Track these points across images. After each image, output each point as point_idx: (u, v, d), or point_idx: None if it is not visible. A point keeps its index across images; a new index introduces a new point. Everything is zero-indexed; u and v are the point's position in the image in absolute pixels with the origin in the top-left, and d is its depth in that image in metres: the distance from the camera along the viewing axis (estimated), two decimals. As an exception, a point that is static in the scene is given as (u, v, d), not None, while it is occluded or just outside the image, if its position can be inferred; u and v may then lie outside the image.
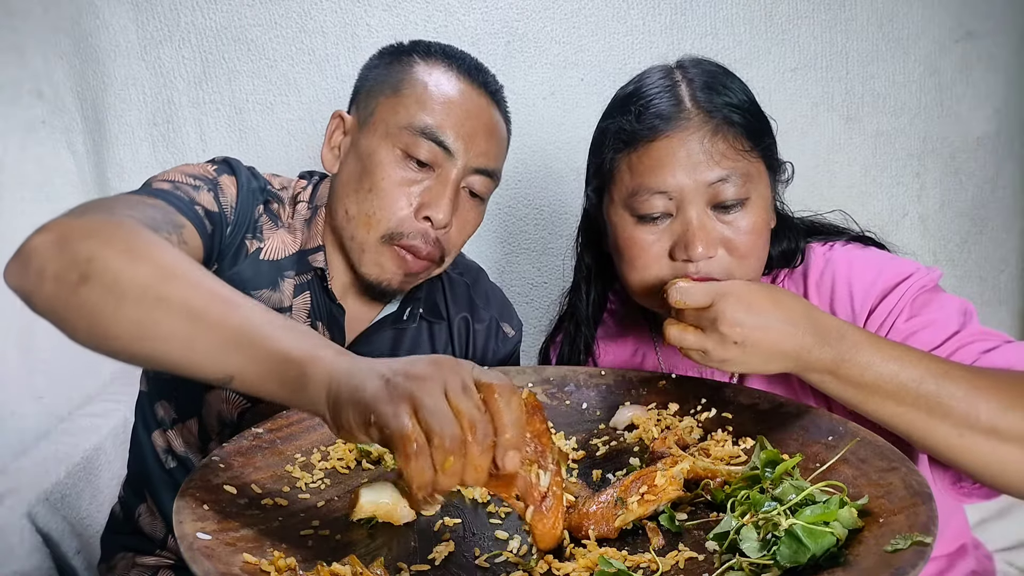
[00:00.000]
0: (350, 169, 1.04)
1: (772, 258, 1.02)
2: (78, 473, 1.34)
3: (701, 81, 0.96)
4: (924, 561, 0.56)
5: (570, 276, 1.22)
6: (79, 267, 0.68)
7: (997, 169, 1.79)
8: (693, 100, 0.94)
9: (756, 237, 0.94)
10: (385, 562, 0.65)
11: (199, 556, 0.59)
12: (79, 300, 0.67)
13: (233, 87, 1.62)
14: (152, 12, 1.58)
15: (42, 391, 1.49)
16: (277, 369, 0.63)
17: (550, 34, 1.64)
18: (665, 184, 0.93)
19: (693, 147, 0.92)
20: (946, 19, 1.69)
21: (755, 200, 0.94)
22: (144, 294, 0.66)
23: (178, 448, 1.09)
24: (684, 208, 0.93)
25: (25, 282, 0.71)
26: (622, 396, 0.99)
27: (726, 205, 0.93)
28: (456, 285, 1.22)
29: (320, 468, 0.82)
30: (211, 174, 1.01)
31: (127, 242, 0.70)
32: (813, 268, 1.02)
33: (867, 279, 0.97)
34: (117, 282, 0.66)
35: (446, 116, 1.00)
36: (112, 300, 0.66)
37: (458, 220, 1.04)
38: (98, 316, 0.66)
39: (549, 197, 1.69)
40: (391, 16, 1.61)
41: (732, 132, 0.93)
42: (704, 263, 0.93)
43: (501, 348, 1.23)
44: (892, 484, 0.66)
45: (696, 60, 1.01)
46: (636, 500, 0.71)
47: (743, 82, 1.00)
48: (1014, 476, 0.79)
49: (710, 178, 0.92)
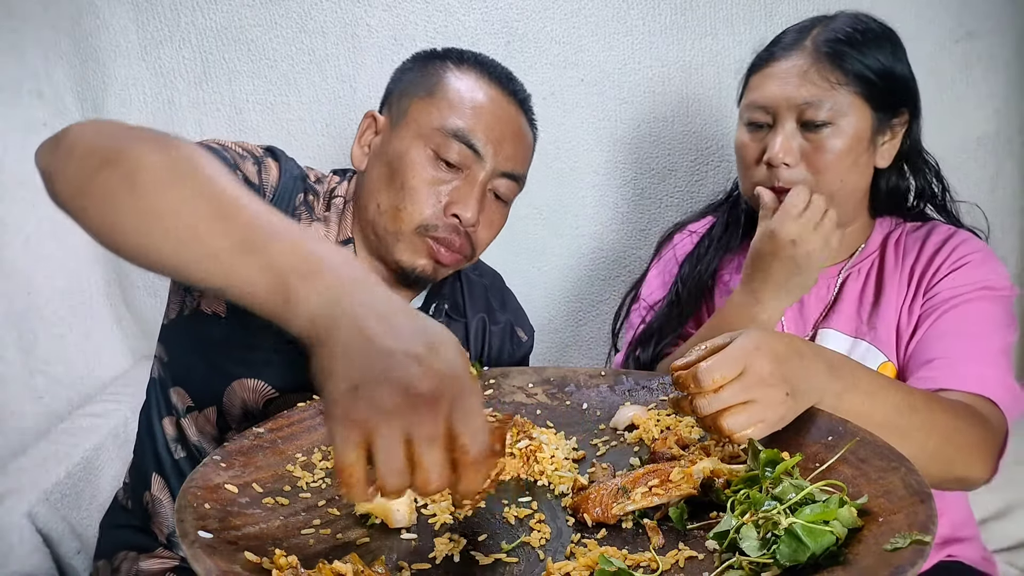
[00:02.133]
0: (381, 168, 1.07)
1: (877, 197, 1.17)
2: (78, 473, 1.34)
3: (833, 25, 1.10)
4: (923, 560, 0.56)
5: (571, 276, 1.23)
6: (105, 152, 0.67)
7: (997, 169, 1.79)
8: (813, 37, 1.09)
9: (835, 158, 1.07)
10: (386, 561, 0.65)
11: (201, 555, 0.59)
12: (97, 184, 0.66)
13: (233, 87, 1.62)
14: (152, 12, 1.58)
15: (42, 391, 1.49)
16: (270, 284, 0.59)
17: (550, 34, 1.64)
18: (764, 98, 1.10)
19: (792, 72, 1.08)
20: (946, 19, 1.69)
21: (842, 127, 1.07)
22: (156, 185, 0.63)
23: (192, 436, 1.09)
24: (778, 120, 1.09)
25: (53, 161, 0.71)
26: (622, 396, 1.00)
27: (814, 124, 1.06)
28: (475, 286, 1.26)
29: (321, 467, 0.82)
30: (258, 152, 1.05)
31: (158, 139, 0.69)
32: (936, 235, 1.14)
33: (967, 272, 1.09)
34: (135, 171, 0.64)
35: (476, 120, 1.04)
36: (126, 188, 0.64)
37: (484, 219, 1.08)
38: (110, 204, 0.65)
39: (549, 197, 1.69)
40: (391, 16, 1.61)
41: (831, 65, 1.06)
42: (785, 170, 1.08)
43: (516, 351, 1.27)
44: (892, 484, 0.67)
45: (851, 13, 1.14)
46: (642, 492, 0.72)
47: (885, 35, 1.11)
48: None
49: (799, 98, 1.07)
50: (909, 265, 1.13)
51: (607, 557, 0.64)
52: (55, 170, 0.70)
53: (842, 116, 1.06)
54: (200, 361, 1.06)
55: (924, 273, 1.11)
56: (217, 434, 1.08)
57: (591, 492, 0.73)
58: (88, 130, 0.72)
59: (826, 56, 1.07)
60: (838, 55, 1.07)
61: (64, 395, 1.54)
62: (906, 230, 1.18)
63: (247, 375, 1.05)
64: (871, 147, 1.11)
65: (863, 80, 1.07)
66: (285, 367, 1.05)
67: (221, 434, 1.08)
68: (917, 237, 1.16)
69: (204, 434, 1.09)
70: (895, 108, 1.11)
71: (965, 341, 1.04)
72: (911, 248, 1.15)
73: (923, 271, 1.12)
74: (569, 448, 0.89)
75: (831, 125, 1.06)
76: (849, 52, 1.07)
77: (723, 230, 1.29)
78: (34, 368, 1.48)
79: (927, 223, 1.19)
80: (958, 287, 1.08)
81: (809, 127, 1.07)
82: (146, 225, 0.63)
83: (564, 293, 1.75)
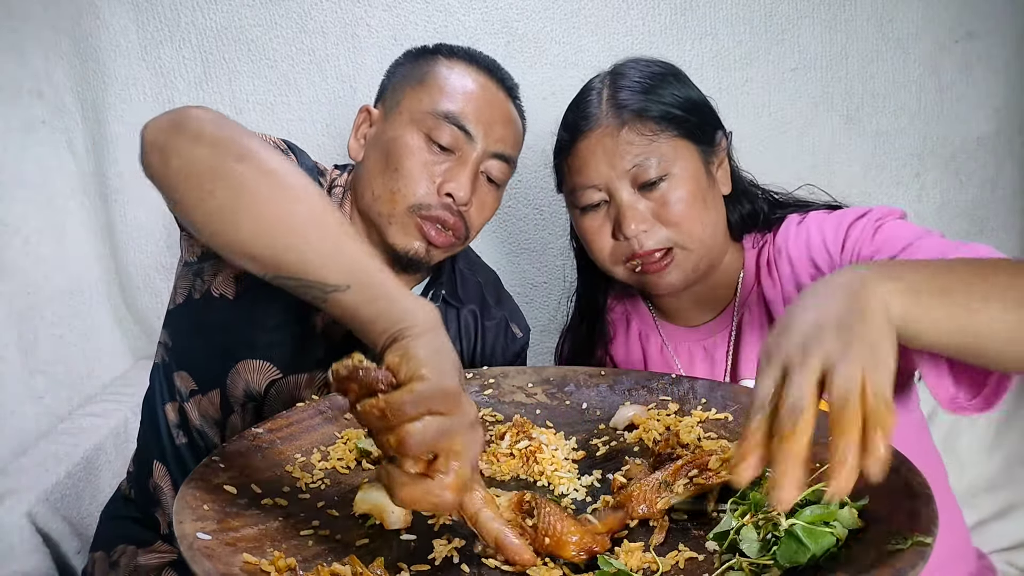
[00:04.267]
0: (376, 154, 1.10)
1: (732, 223, 1.14)
2: (78, 473, 1.34)
3: (620, 82, 1.08)
4: (924, 561, 0.56)
5: (570, 276, 1.24)
6: (237, 147, 0.74)
7: (997, 169, 1.79)
8: (608, 100, 1.06)
9: (685, 206, 1.04)
10: (385, 562, 0.65)
11: (199, 556, 0.59)
12: (234, 174, 0.72)
13: (233, 87, 1.62)
14: (152, 12, 1.58)
15: (42, 391, 1.49)
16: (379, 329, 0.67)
17: (550, 34, 1.64)
18: (591, 178, 1.06)
19: (607, 142, 1.05)
20: (946, 19, 1.69)
21: (678, 174, 1.04)
22: (283, 193, 0.72)
23: (194, 420, 1.10)
24: (613, 194, 1.06)
25: (172, 139, 0.77)
26: (622, 396, 1.00)
27: (650, 183, 1.04)
28: (468, 280, 1.28)
29: (320, 468, 0.82)
30: (282, 147, 1.09)
31: (263, 142, 0.78)
32: (792, 235, 1.09)
33: (832, 225, 1.04)
34: (266, 173, 0.73)
35: (467, 103, 1.08)
36: (265, 187, 0.72)
37: (477, 201, 1.11)
38: (240, 197, 0.72)
39: (549, 197, 1.69)
40: (391, 16, 1.61)
41: (639, 121, 1.04)
42: (643, 237, 1.05)
43: (510, 346, 1.28)
44: (892, 484, 0.66)
45: (627, 62, 1.11)
46: (683, 483, 0.72)
47: (669, 71, 1.09)
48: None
49: (626, 165, 1.04)
50: (788, 274, 1.07)
51: (607, 559, 0.64)
52: (174, 148, 0.75)
53: (672, 164, 1.04)
54: (206, 343, 1.09)
55: (825, 257, 1.03)
56: (220, 417, 1.10)
57: (634, 490, 0.73)
58: (208, 117, 0.78)
59: (630, 113, 1.04)
60: (641, 107, 1.04)
61: (64, 395, 1.54)
62: (760, 242, 1.14)
63: (252, 356, 1.08)
64: (711, 180, 1.09)
65: (674, 120, 1.05)
66: (290, 349, 1.08)
67: (224, 417, 1.10)
68: (780, 242, 1.09)
69: (207, 418, 1.10)
70: (711, 133, 1.09)
71: (917, 248, 0.92)
72: (781, 255, 1.08)
73: (820, 258, 1.03)
74: (569, 448, 0.89)
75: (667, 177, 1.04)
76: (648, 100, 1.05)
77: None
78: (34, 368, 1.48)
79: (780, 222, 1.12)
80: (862, 236, 0.99)
81: (646, 187, 1.04)
82: (270, 231, 0.71)
83: (564, 293, 1.75)
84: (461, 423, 0.62)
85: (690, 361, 1.18)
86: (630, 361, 1.24)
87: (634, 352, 1.23)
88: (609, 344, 1.25)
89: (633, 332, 1.24)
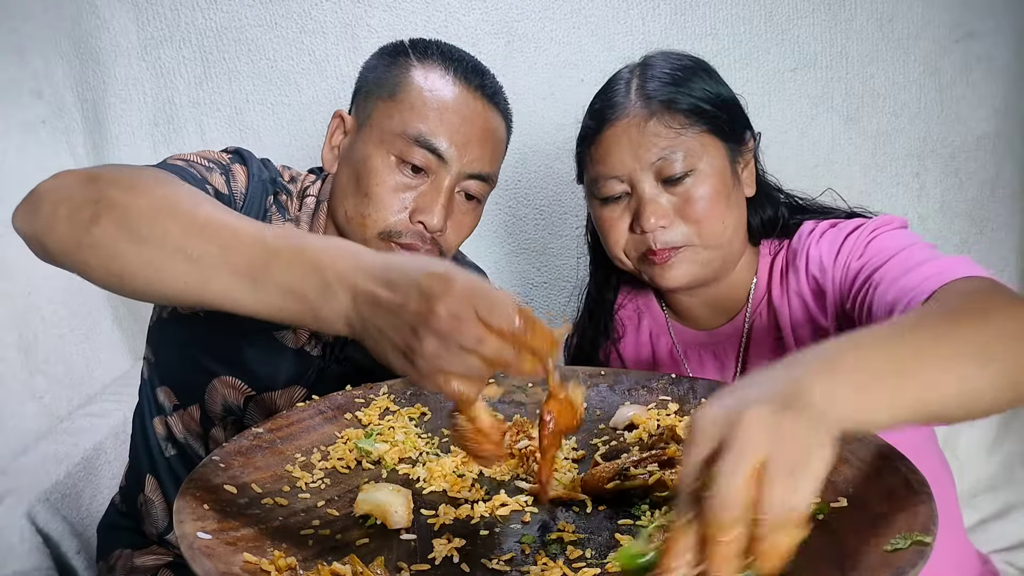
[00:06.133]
0: (348, 172, 1.05)
1: (753, 227, 1.12)
2: (78, 473, 1.34)
3: (650, 73, 1.05)
4: (924, 561, 0.56)
5: (571, 276, 1.24)
6: (91, 206, 0.69)
7: (997, 169, 1.79)
8: (637, 91, 1.04)
9: (709, 204, 1.02)
10: (385, 562, 0.65)
11: (199, 555, 0.59)
12: (94, 238, 0.68)
13: (233, 87, 1.62)
14: (152, 12, 1.58)
15: (42, 391, 1.49)
16: (295, 307, 0.64)
17: (550, 34, 1.64)
18: (615, 169, 1.03)
19: (633, 132, 1.02)
20: (946, 19, 1.69)
21: (703, 170, 1.02)
22: (151, 229, 0.67)
23: (178, 434, 1.10)
24: (636, 186, 1.03)
25: (36, 223, 0.72)
26: (622, 396, 1.00)
27: (674, 178, 1.01)
28: None
29: (320, 468, 0.82)
30: (224, 160, 1.04)
31: (129, 180, 0.72)
32: (801, 245, 1.07)
33: (830, 237, 1.03)
34: (126, 218, 0.67)
35: (440, 123, 1.01)
36: (124, 238, 0.67)
37: (453, 223, 1.05)
38: (113, 255, 0.68)
39: (549, 197, 1.69)
40: (391, 16, 1.61)
41: (668, 113, 1.01)
42: (661, 233, 1.02)
43: None
44: (892, 484, 0.66)
45: (658, 54, 1.09)
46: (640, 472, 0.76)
47: (700, 65, 1.07)
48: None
49: (652, 157, 1.01)
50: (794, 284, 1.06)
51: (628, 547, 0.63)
52: (42, 232, 0.71)
53: (699, 159, 1.01)
54: (183, 360, 1.09)
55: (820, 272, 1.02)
56: (202, 432, 1.09)
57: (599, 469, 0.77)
58: (60, 184, 0.73)
59: (658, 104, 1.01)
60: (670, 99, 1.01)
61: (64, 395, 1.54)
62: (776, 249, 1.12)
63: (226, 373, 1.07)
64: (736, 180, 1.06)
65: (703, 115, 1.02)
66: (260, 367, 1.06)
67: (206, 432, 1.09)
68: (791, 251, 1.08)
69: (190, 432, 1.10)
70: (740, 132, 1.07)
71: (899, 260, 0.91)
72: (790, 264, 1.08)
73: (818, 273, 1.02)
74: (569, 448, 0.89)
75: (692, 173, 1.01)
76: (678, 92, 1.02)
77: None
78: (34, 368, 1.48)
79: (796, 228, 1.10)
80: (853, 250, 0.99)
81: (670, 182, 1.01)
82: (153, 269, 0.67)
83: (564, 293, 1.75)
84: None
85: (700, 364, 1.17)
86: (639, 360, 1.23)
87: (643, 351, 1.22)
88: (619, 342, 1.24)
89: (644, 331, 1.23)
